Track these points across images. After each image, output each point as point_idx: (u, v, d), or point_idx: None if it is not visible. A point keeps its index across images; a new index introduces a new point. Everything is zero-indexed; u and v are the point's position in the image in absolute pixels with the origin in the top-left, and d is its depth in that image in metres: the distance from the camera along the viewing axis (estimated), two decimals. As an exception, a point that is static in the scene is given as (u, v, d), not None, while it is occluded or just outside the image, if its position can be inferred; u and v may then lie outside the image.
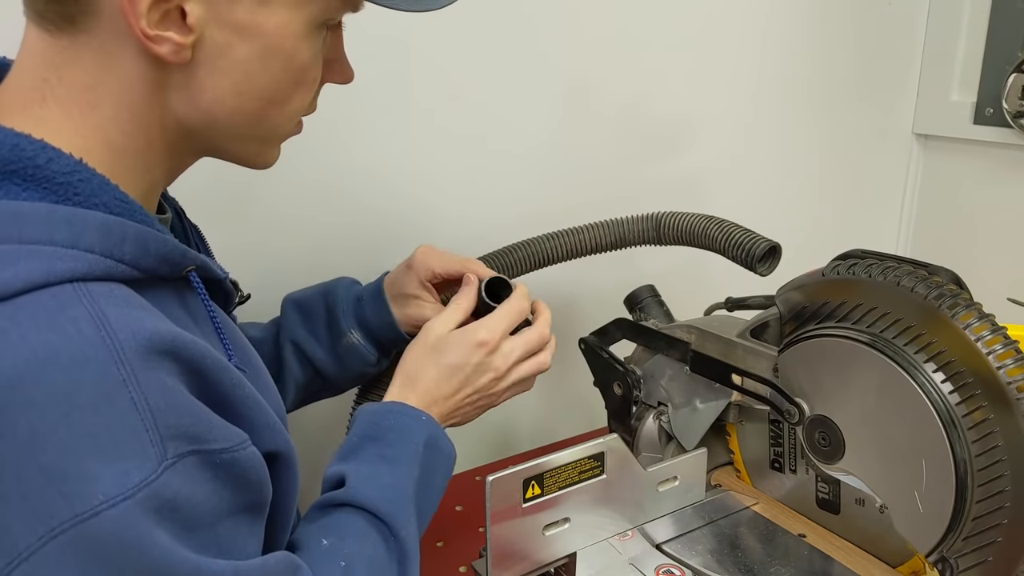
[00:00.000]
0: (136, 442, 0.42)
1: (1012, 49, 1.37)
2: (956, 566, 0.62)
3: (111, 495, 0.41)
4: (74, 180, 0.48)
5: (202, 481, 0.46)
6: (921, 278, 0.62)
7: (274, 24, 0.51)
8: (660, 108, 1.25)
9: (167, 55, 0.49)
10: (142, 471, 0.42)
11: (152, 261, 0.49)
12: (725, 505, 0.80)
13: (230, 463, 0.48)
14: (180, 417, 0.45)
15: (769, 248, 0.78)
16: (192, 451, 0.45)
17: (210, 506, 0.46)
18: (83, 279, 0.45)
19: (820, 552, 0.73)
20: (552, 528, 0.69)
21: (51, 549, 0.40)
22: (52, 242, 0.45)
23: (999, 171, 1.46)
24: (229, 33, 0.50)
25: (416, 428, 0.66)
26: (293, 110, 0.57)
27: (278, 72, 0.53)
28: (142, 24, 0.47)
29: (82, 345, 0.42)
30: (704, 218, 0.85)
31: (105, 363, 0.42)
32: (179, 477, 0.44)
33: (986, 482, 0.59)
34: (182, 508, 0.44)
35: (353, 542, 0.59)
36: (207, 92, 0.52)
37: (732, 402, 0.82)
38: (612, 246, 0.92)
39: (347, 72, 0.62)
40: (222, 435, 0.48)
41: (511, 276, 0.94)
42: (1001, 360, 0.58)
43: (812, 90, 1.43)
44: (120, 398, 0.42)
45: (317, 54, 0.56)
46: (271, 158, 0.61)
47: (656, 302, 0.94)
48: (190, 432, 0.45)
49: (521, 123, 1.11)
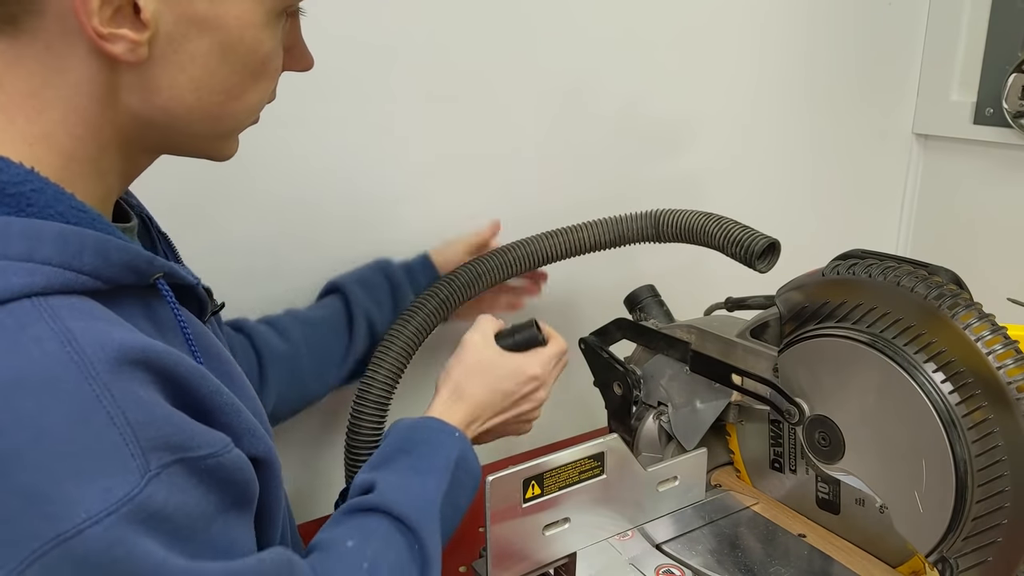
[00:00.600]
0: (116, 458, 0.41)
1: (1012, 49, 1.37)
2: (956, 566, 0.62)
3: (94, 512, 0.40)
4: (26, 190, 0.45)
5: (189, 488, 0.45)
6: (921, 278, 0.62)
7: (234, 15, 0.49)
8: (659, 108, 1.24)
9: (121, 54, 0.46)
10: (125, 486, 0.41)
11: (115, 271, 0.47)
12: (725, 505, 0.80)
13: (216, 468, 0.47)
14: (160, 428, 0.43)
15: (768, 244, 0.78)
16: (176, 460, 0.44)
17: (200, 511, 0.46)
18: (42, 293, 0.43)
19: (820, 552, 0.73)
20: (552, 528, 0.69)
21: (36, 570, 0.39)
22: (6, 256, 0.43)
23: (999, 171, 1.46)
24: (187, 27, 0.47)
25: (449, 444, 0.68)
26: (254, 102, 0.55)
27: (238, 65, 0.51)
28: (94, 22, 0.44)
29: (48, 365, 0.40)
30: (703, 215, 0.85)
31: (75, 382, 0.41)
32: (165, 487, 0.43)
33: (986, 482, 0.59)
34: (172, 517, 0.43)
35: (378, 545, 0.59)
36: (163, 90, 0.49)
37: (732, 402, 0.81)
38: (611, 244, 0.92)
39: (307, 59, 0.59)
40: (205, 441, 0.46)
41: (511, 274, 0.94)
42: (1001, 360, 0.58)
43: (812, 90, 1.43)
44: (96, 415, 0.41)
45: (278, 44, 0.54)
46: (230, 150, 0.58)
47: (656, 302, 0.94)
48: (172, 442, 0.44)
49: (520, 122, 1.11)
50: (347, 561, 0.57)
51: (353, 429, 0.85)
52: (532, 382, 0.77)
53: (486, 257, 0.92)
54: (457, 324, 0.93)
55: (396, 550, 0.60)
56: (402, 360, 0.86)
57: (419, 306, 0.89)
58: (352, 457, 0.87)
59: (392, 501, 0.62)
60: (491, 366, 0.76)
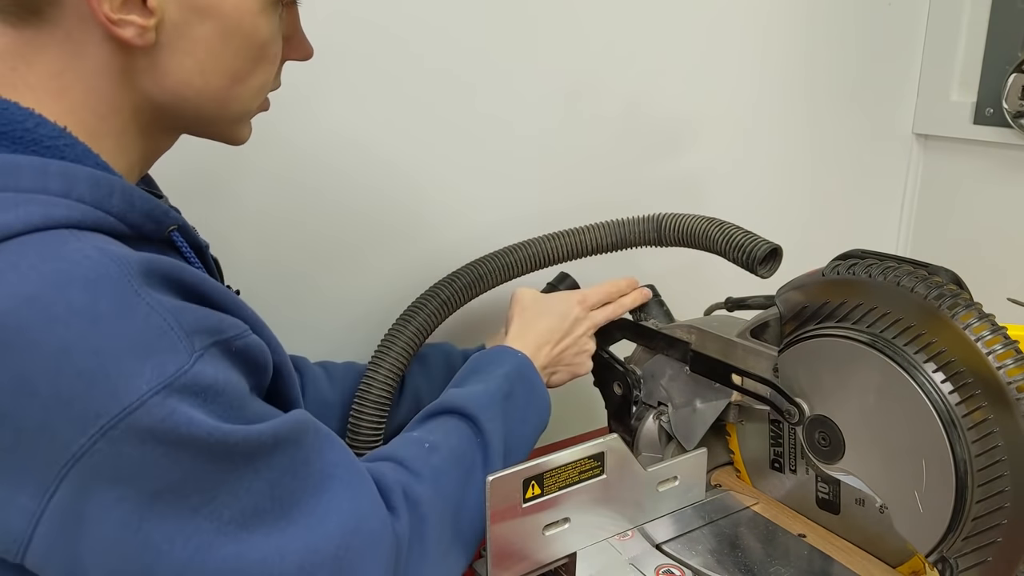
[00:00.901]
0: (164, 339, 0.46)
1: (1012, 49, 1.37)
2: (956, 566, 0.62)
3: (153, 384, 0.44)
4: (60, 144, 0.50)
5: (228, 368, 0.49)
6: (921, 278, 0.62)
7: (232, 4, 0.53)
8: (661, 109, 1.24)
9: (131, 38, 0.51)
10: (176, 362, 0.45)
11: (137, 216, 0.52)
12: (725, 505, 0.80)
13: (244, 348, 0.51)
14: (193, 314, 0.48)
15: (770, 250, 0.78)
16: (214, 342, 0.48)
17: (241, 388, 0.50)
18: (77, 227, 0.47)
19: (820, 552, 0.73)
20: (552, 528, 0.69)
21: (103, 445, 0.43)
22: (46, 191, 0.47)
23: (999, 171, 1.46)
24: (189, 13, 0.52)
25: (508, 359, 0.78)
26: (257, 86, 0.59)
27: (239, 49, 0.55)
28: (105, 9, 0.49)
29: (92, 266, 0.45)
30: (705, 220, 0.85)
31: (116, 278, 0.45)
32: (211, 366, 0.47)
33: (986, 482, 0.59)
34: (223, 392, 0.48)
35: (440, 434, 0.68)
36: (173, 73, 0.54)
37: (732, 402, 0.81)
38: (613, 247, 0.92)
39: (306, 48, 0.64)
40: (230, 324, 0.51)
41: (513, 276, 0.94)
42: (1001, 360, 0.58)
43: (812, 90, 1.43)
44: (138, 305, 0.45)
45: (276, 31, 0.58)
46: (244, 134, 0.63)
47: (656, 302, 0.94)
48: (206, 325, 0.48)
49: (522, 124, 1.11)
50: (410, 442, 0.66)
51: (353, 429, 0.85)
52: (579, 305, 0.87)
53: (488, 259, 0.92)
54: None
55: (458, 436, 0.68)
56: (402, 360, 0.86)
57: (420, 307, 0.89)
58: (352, 457, 0.87)
59: (455, 400, 0.70)
60: (545, 300, 0.87)
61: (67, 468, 0.43)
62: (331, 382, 0.88)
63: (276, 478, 0.51)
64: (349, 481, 0.56)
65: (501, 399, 0.72)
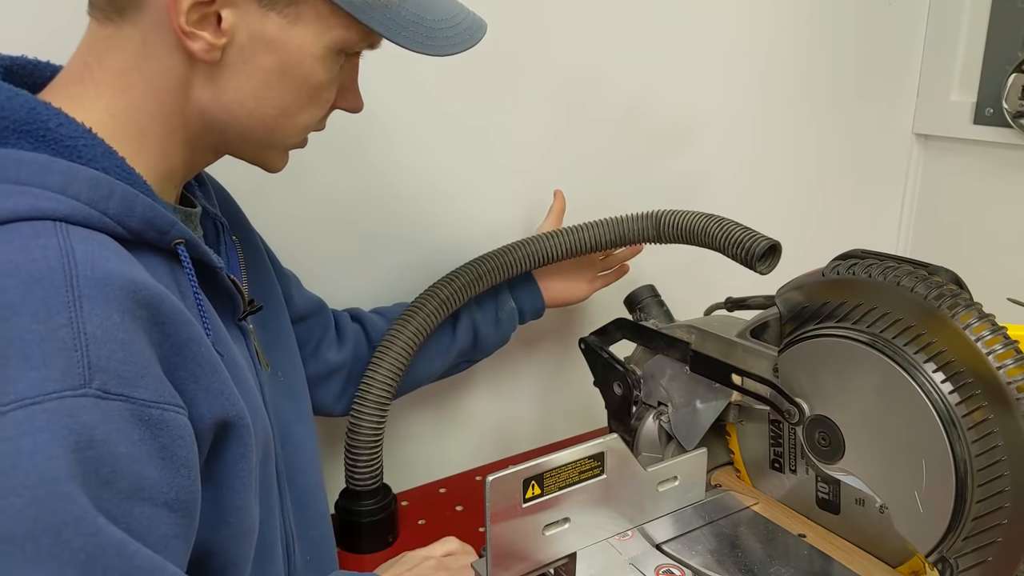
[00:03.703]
0: (62, 358, 0.44)
1: (1012, 49, 1.37)
2: (956, 566, 0.62)
3: (22, 396, 0.42)
4: (79, 144, 0.52)
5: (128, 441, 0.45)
6: (921, 278, 0.62)
7: (297, 44, 0.57)
8: (661, 109, 1.25)
9: (199, 52, 0.54)
10: (59, 383, 0.43)
11: (136, 222, 0.52)
12: (725, 505, 0.80)
13: (160, 423, 0.47)
14: (113, 351, 0.45)
15: (769, 246, 0.78)
16: (121, 396, 0.45)
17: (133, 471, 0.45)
18: (65, 220, 0.48)
19: (820, 552, 0.73)
20: (552, 528, 0.69)
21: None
22: (44, 186, 0.49)
23: (999, 171, 1.46)
24: (257, 43, 0.56)
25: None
26: (303, 123, 0.62)
27: (294, 86, 0.59)
28: (181, 20, 0.53)
29: (41, 266, 0.45)
30: (704, 216, 0.85)
31: (56, 284, 0.45)
32: (100, 414, 0.44)
33: (986, 482, 0.59)
34: (97, 448, 0.43)
35: None
36: (229, 92, 0.57)
37: (732, 402, 0.81)
38: (612, 244, 0.92)
39: (357, 102, 0.67)
40: (152, 386, 0.47)
41: (512, 274, 0.94)
42: (1001, 360, 0.58)
43: (812, 90, 1.43)
44: (59, 315, 0.44)
45: (333, 78, 0.61)
46: (280, 163, 0.66)
47: (656, 302, 0.94)
48: (119, 370, 0.45)
49: (523, 123, 1.11)
50: None
51: (353, 429, 0.85)
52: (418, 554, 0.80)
53: (487, 258, 0.92)
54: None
55: None
56: (401, 360, 0.86)
57: (419, 307, 0.89)
58: (352, 457, 0.87)
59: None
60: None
61: None
62: (390, 324, 0.91)
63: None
64: None
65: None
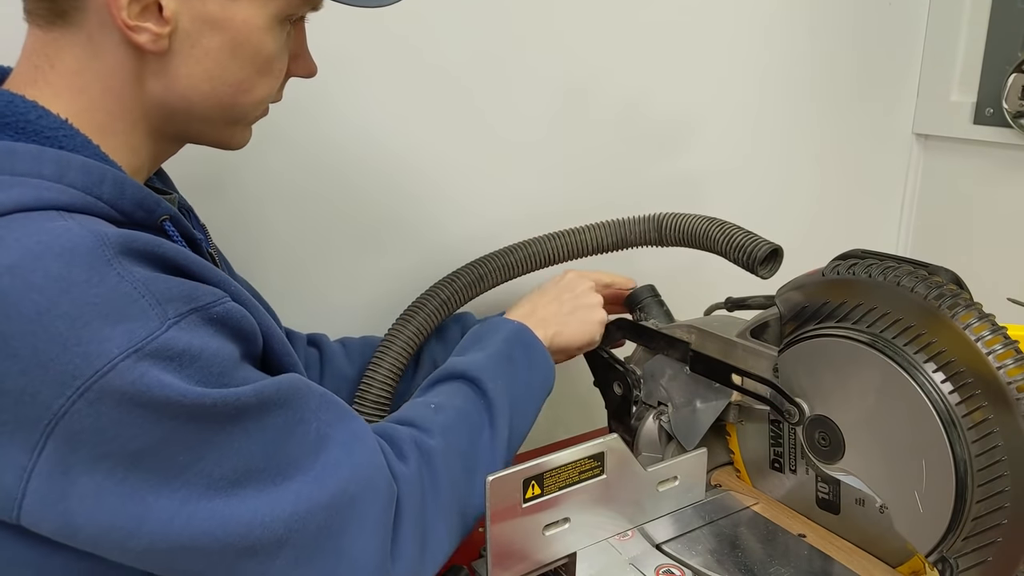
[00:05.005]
0: (135, 306, 0.48)
1: (1012, 49, 1.37)
2: (956, 566, 0.62)
3: (123, 349, 0.46)
4: (60, 135, 0.54)
5: (209, 335, 0.51)
6: (921, 278, 0.62)
7: (241, 19, 0.57)
8: (661, 109, 1.24)
9: (146, 44, 0.55)
10: (147, 328, 0.48)
11: (128, 204, 0.54)
12: (725, 505, 0.80)
13: (224, 315, 0.53)
14: (166, 283, 0.50)
15: (771, 251, 0.78)
16: (191, 309, 0.50)
17: (225, 353, 0.52)
18: (67, 209, 0.50)
19: (820, 552, 0.73)
20: (552, 528, 0.69)
21: (81, 405, 0.46)
22: (40, 176, 0.51)
23: (999, 171, 1.46)
24: (201, 25, 0.56)
25: (504, 326, 0.80)
26: (260, 97, 0.62)
27: (246, 61, 0.59)
28: (123, 15, 0.53)
29: (69, 238, 0.48)
30: (706, 220, 0.85)
31: (91, 248, 0.48)
32: (187, 333, 0.50)
33: (986, 482, 0.59)
34: (200, 357, 0.50)
35: (444, 396, 0.71)
36: (183, 78, 0.58)
37: (732, 402, 0.81)
38: (614, 247, 0.92)
39: (310, 66, 0.67)
40: (206, 292, 0.53)
41: (513, 276, 0.94)
42: (1001, 360, 0.58)
43: (812, 90, 1.43)
44: (108, 274, 0.48)
45: (282, 47, 0.62)
46: (244, 139, 0.66)
47: (656, 302, 0.94)
48: (180, 294, 0.50)
49: (523, 122, 1.11)
50: (416, 405, 0.70)
51: (353, 429, 0.85)
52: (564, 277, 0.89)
53: (489, 258, 0.92)
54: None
55: (463, 397, 0.71)
56: (401, 360, 0.86)
57: (419, 307, 0.89)
58: (352, 457, 0.87)
59: (456, 367, 0.73)
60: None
61: (51, 427, 0.46)
62: (349, 357, 0.91)
63: (270, 438, 0.53)
64: (346, 440, 0.58)
65: (501, 362, 0.75)
